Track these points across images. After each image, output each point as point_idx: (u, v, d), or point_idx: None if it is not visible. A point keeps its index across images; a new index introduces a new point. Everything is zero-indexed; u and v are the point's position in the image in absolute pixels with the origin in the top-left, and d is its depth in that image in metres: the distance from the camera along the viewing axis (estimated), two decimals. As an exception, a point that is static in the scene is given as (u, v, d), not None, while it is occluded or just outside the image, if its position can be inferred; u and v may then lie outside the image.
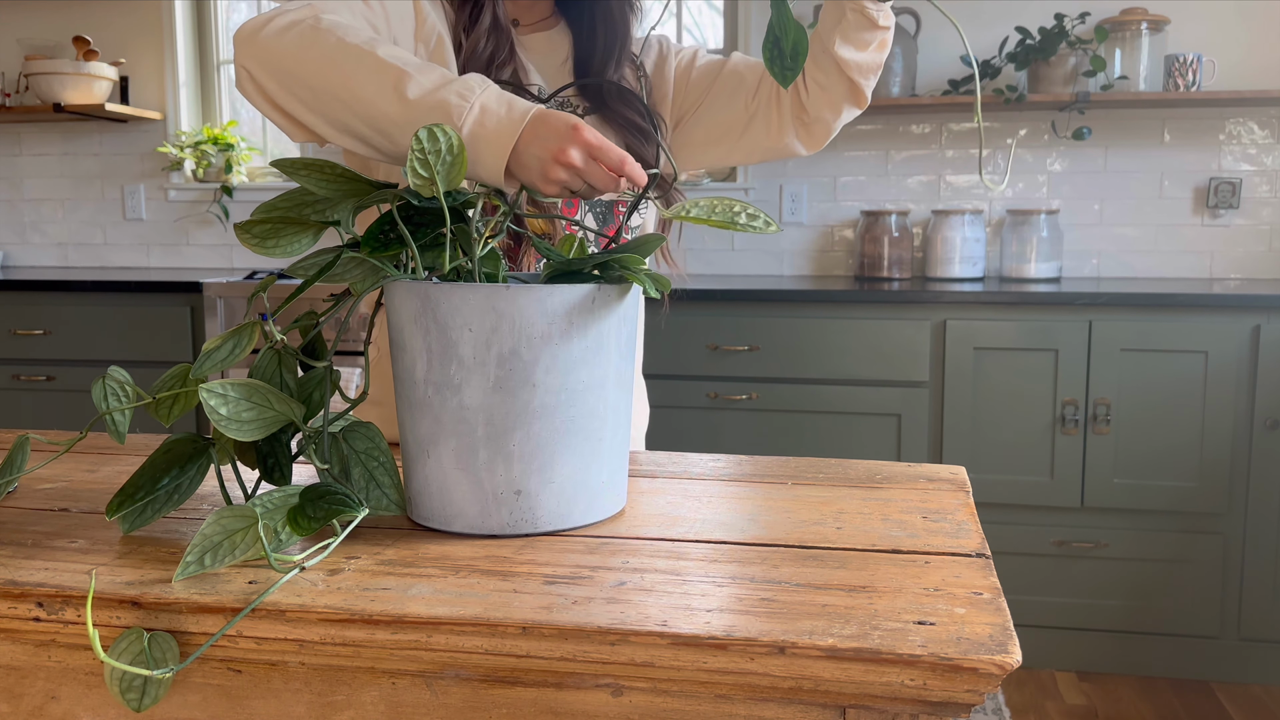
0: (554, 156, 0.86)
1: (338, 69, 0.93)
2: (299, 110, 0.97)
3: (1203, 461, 2.44)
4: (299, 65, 0.95)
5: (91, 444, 1.12)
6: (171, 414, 0.81)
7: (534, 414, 0.76)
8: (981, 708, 2.30)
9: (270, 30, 0.96)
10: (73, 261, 3.58)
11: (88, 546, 0.78)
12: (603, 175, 0.87)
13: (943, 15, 3.00)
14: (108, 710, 0.71)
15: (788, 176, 3.15)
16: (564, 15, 1.28)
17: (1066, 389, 2.47)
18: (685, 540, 0.78)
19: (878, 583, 0.69)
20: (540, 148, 0.86)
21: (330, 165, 0.79)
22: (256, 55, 0.96)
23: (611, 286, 0.78)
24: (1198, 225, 2.96)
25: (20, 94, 3.41)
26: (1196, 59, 2.75)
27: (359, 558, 0.74)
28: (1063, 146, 2.99)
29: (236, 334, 0.79)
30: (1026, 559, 2.54)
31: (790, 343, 2.56)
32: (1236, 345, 2.40)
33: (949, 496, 0.90)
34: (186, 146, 3.41)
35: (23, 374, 2.93)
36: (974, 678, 0.58)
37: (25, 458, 0.85)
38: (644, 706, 0.64)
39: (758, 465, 1.02)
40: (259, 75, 0.97)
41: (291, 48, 0.95)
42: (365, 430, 0.80)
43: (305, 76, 0.95)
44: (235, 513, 0.70)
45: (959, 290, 2.53)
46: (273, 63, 0.96)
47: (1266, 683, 2.48)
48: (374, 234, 0.77)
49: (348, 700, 0.68)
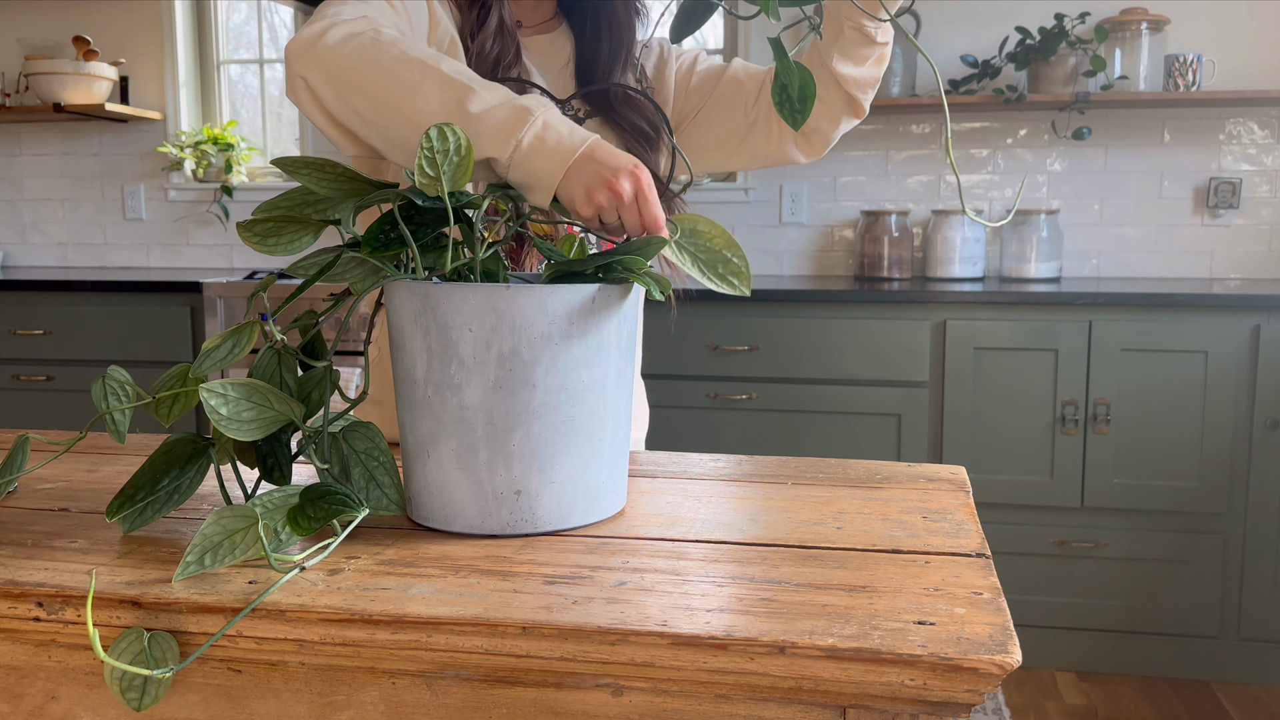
0: (606, 182, 0.85)
1: (400, 82, 0.92)
2: (355, 122, 0.95)
3: (1203, 461, 2.44)
4: (360, 77, 0.93)
5: (91, 444, 1.12)
6: (171, 413, 0.81)
7: (534, 414, 0.76)
8: (981, 708, 2.30)
9: (329, 40, 0.95)
10: (73, 261, 3.58)
11: (88, 546, 0.78)
12: (636, 219, 0.87)
13: (941, 16, 3.00)
14: (108, 710, 0.71)
15: (787, 177, 3.15)
16: (567, 17, 1.28)
17: (1066, 389, 2.47)
18: (685, 540, 0.78)
19: (878, 583, 0.69)
20: (595, 171, 0.86)
21: (331, 164, 0.79)
22: (316, 65, 0.95)
23: (612, 287, 0.78)
24: (1198, 225, 2.96)
25: (20, 94, 3.41)
26: (1196, 59, 2.75)
27: (359, 558, 0.74)
28: (1063, 146, 2.99)
29: (236, 333, 0.79)
30: (1026, 559, 2.54)
31: (790, 343, 2.56)
32: (1236, 345, 2.40)
33: (949, 496, 0.90)
34: (186, 146, 3.41)
35: (23, 374, 2.93)
36: (974, 678, 0.58)
37: (25, 458, 0.85)
38: (644, 706, 0.64)
39: (758, 465, 1.02)
40: (317, 85, 0.95)
41: (352, 59, 0.94)
42: (365, 430, 0.80)
43: (366, 88, 0.93)
44: (235, 513, 0.70)
45: (959, 290, 2.53)
46: (332, 74, 0.94)
47: (1266, 683, 2.48)
48: (375, 234, 0.77)
49: (348, 700, 0.68)
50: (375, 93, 0.93)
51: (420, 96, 0.91)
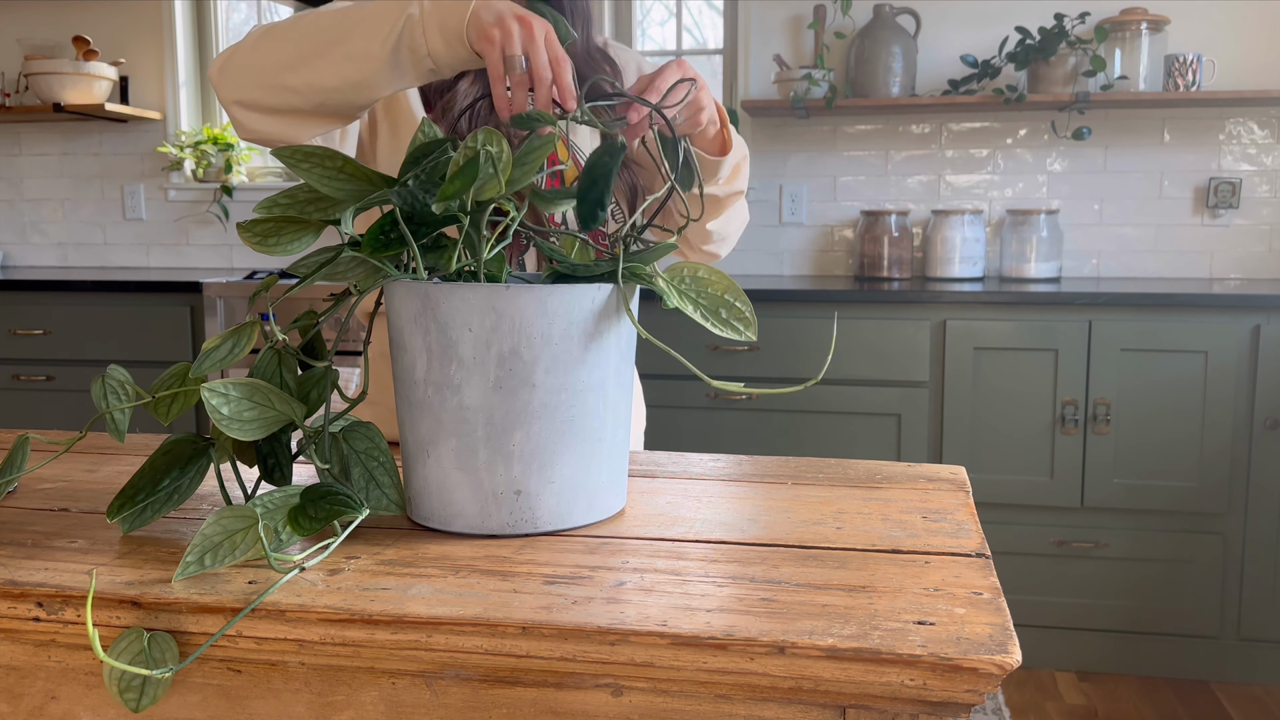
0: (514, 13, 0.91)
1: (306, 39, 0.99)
2: (296, 100, 1.00)
3: (1203, 461, 2.44)
4: (271, 60, 1.01)
5: (91, 444, 1.12)
6: (171, 412, 0.81)
7: (534, 414, 0.76)
8: (981, 708, 2.30)
9: (228, 58, 1.04)
10: (73, 261, 3.58)
11: (88, 546, 0.78)
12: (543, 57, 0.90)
13: (941, 16, 3.00)
14: (108, 710, 0.71)
15: (787, 177, 3.15)
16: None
17: (1066, 389, 2.47)
18: (685, 540, 0.78)
19: (878, 583, 0.69)
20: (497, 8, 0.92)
21: (332, 156, 0.78)
22: (231, 81, 1.03)
23: (612, 288, 0.78)
24: (1198, 225, 2.96)
25: (20, 94, 3.41)
26: (1196, 59, 2.75)
27: (359, 558, 0.74)
28: (1063, 146, 2.99)
29: (236, 333, 0.79)
30: (1026, 559, 2.54)
31: (790, 343, 2.56)
32: (1236, 345, 2.40)
33: (949, 496, 0.90)
34: (186, 146, 3.41)
35: (23, 374, 2.93)
36: (974, 678, 0.58)
37: (25, 457, 0.85)
38: (644, 706, 0.64)
39: (758, 465, 1.02)
40: (244, 95, 1.02)
41: (253, 55, 1.02)
42: (365, 430, 0.80)
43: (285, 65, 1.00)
44: (235, 513, 0.70)
45: (959, 290, 2.53)
46: (247, 75, 1.02)
47: (1266, 683, 2.48)
48: (375, 234, 0.77)
49: (348, 700, 0.68)
50: (294, 61, 1.00)
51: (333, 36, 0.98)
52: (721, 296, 0.79)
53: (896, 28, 2.92)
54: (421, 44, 0.94)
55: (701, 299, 0.80)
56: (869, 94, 2.92)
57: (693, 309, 0.79)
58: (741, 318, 0.79)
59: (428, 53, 0.95)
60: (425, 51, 0.95)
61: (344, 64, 0.98)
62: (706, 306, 0.79)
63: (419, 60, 0.96)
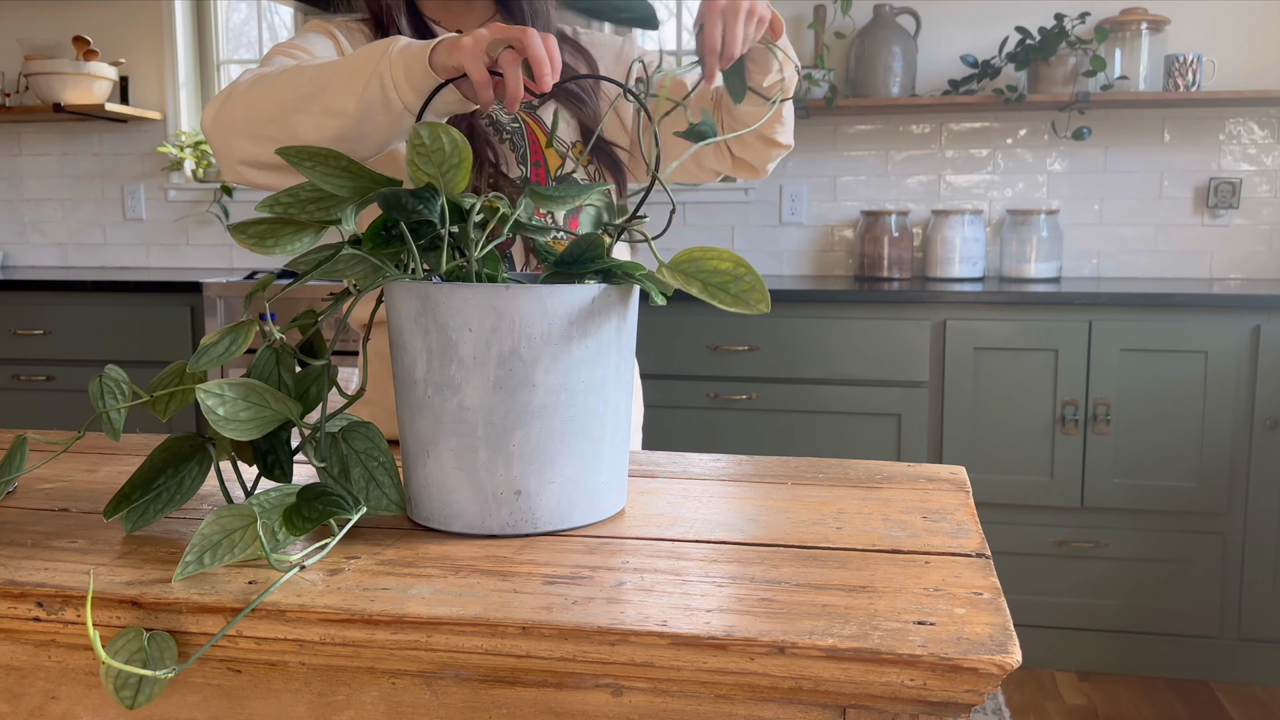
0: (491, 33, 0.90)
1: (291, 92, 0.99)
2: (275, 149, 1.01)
3: (1203, 461, 2.44)
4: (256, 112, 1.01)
5: (91, 444, 1.12)
6: (169, 410, 0.81)
7: (534, 414, 0.76)
8: (981, 708, 2.30)
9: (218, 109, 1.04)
10: (73, 261, 3.58)
11: (87, 546, 0.78)
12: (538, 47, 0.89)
13: (941, 16, 2.99)
14: (107, 710, 0.71)
15: (787, 177, 3.15)
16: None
17: (1066, 389, 2.47)
18: (685, 540, 0.78)
19: (878, 583, 0.69)
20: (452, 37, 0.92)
21: (334, 155, 0.78)
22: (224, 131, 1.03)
23: (612, 288, 0.78)
24: (1198, 225, 2.96)
25: (20, 94, 3.41)
26: (1196, 59, 2.75)
27: (359, 557, 0.74)
28: (1063, 146, 2.99)
29: (234, 330, 0.79)
30: (1026, 559, 2.54)
31: (790, 343, 2.56)
32: (1236, 345, 2.40)
33: (949, 496, 0.90)
34: (186, 146, 3.41)
35: (23, 374, 2.93)
36: (974, 678, 0.58)
37: (24, 457, 0.85)
38: (644, 706, 0.64)
39: (758, 465, 1.02)
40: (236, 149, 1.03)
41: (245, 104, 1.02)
42: (365, 430, 0.80)
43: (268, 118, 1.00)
44: (234, 512, 0.70)
45: (959, 290, 2.53)
46: (238, 127, 1.02)
47: (1266, 683, 2.48)
48: (376, 230, 0.77)
49: (348, 700, 0.67)
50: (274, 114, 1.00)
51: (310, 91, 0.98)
52: (731, 270, 0.76)
53: (896, 28, 2.92)
54: (391, 88, 0.94)
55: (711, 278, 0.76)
56: (869, 94, 2.92)
57: (700, 289, 0.76)
58: (751, 289, 0.76)
59: (397, 96, 0.94)
60: (395, 95, 0.94)
61: (322, 119, 0.98)
62: (716, 284, 0.76)
63: (390, 106, 0.95)
